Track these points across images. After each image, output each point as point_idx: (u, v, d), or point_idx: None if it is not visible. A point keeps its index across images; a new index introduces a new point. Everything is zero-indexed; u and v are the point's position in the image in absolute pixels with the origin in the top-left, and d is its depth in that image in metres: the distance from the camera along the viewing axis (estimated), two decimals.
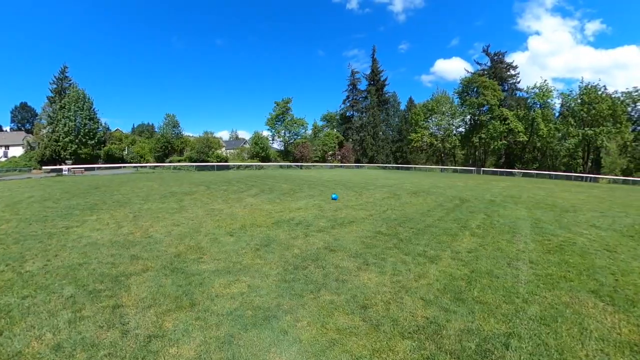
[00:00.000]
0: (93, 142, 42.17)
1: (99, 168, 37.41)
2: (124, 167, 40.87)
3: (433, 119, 54.94)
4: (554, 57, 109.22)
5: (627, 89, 42.08)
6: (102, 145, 44.47)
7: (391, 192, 13.56)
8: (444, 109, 53.50)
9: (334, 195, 10.91)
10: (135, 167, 39.58)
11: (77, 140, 40.56)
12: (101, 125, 45.15)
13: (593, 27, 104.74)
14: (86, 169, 34.35)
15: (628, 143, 41.62)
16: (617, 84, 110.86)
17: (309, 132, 61.63)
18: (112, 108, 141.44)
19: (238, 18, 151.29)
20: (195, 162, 42.08)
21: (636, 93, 41.09)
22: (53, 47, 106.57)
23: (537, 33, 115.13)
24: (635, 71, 68.37)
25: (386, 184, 18.62)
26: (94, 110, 43.24)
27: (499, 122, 46.75)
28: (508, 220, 8.38)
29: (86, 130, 41.37)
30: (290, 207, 9.29)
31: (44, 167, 34.79)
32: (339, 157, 56.30)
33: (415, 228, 6.60)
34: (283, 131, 56.67)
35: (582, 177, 39.93)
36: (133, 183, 17.02)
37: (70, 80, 45.73)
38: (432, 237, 6.01)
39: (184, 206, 9.63)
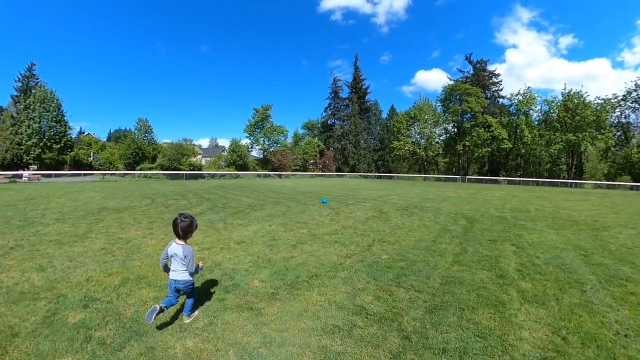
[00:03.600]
0: (59, 146, 38.14)
1: (58, 175, 33.33)
2: (90, 174, 36.90)
3: (415, 127, 53.38)
4: (530, 69, 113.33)
5: (606, 95, 42.12)
6: (69, 150, 40.56)
7: (377, 209, 10.71)
8: (426, 117, 52.06)
9: (324, 200, 9.27)
10: (103, 174, 35.78)
11: (41, 144, 36.75)
12: (70, 128, 41.20)
13: (566, 41, 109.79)
14: (43, 176, 30.61)
15: (612, 148, 41.31)
16: (589, 94, 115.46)
17: (290, 140, 58.90)
18: (91, 113, 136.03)
19: (223, 26, 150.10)
20: (167, 170, 38.67)
21: (615, 100, 41.03)
22: (31, 48, 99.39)
23: (514, 46, 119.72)
24: (605, 82, 71.35)
25: (369, 196, 15.83)
26: (62, 112, 39.42)
27: (482, 129, 45.57)
28: (548, 254, 5.70)
29: (52, 133, 37.58)
30: (230, 237, 6.23)
31: (3, 173, 30.88)
32: (320, 165, 53.56)
33: (426, 290, 3.67)
34: (262, 139, 53.62)
35: (567, 183, 39.02)
36: (76, 194, 14.74)
37: (37, 79, 41.64)
38: (461, 316, 3.10)
39: (91, 231, 6.84)
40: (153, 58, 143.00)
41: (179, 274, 2.87)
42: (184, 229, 2.88)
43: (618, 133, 41.83)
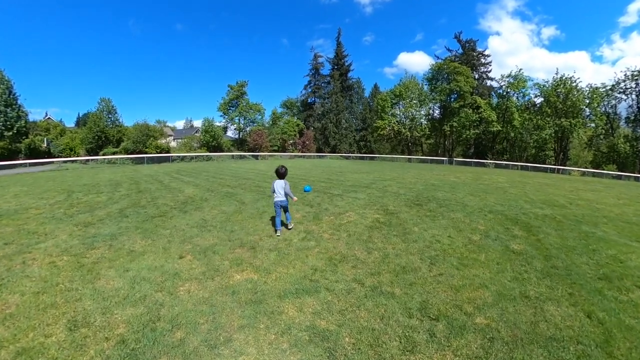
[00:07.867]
0: (10, 133, 32.59)
1: (3, 167, 27.85)
2: (46, 162, 31.51)
3: (400, 105, 50.15)
4: (511, 57, 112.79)
5: (594, 84, 40.53)
6: (24, 138, 34.98)
7: (377, 205, 7.40)
8: (412, 95, 48.86)
9: (306, 187, 7.51)
10: (64, 161, 30.61)
11: None
12: (25, 113, 35.34)
13: (548, 32, 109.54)
14: None
15: (602, 136, 40.26)
16: (581, 80, 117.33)
17: (267, 119, 54.20)
18: (61, 98, 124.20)
19: (199, 4, 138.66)
20: (132, 153, 34.07)
21: (603, 89, 39.57)
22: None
23: (498, 33, 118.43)
24: (583, 74, 71.32)
25: (359, 181, 12.50)
26: (14, 95, 33.43)
27: (471, 110, 43.07)
28: None
29: (2, 119, 31.80)
30: (80, 297, 2.72)
31: None
32: (300, 146, 49.67)
33: None
34: (237, 117, 48.59)
35: (555, 169, 37.72)
36: None
37: None
38: None
39: None
40: (126, 37, 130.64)
41: (281, 197, 5.19)
42: (283, 174, 5.38)
43: (604, 123, 40.94)
